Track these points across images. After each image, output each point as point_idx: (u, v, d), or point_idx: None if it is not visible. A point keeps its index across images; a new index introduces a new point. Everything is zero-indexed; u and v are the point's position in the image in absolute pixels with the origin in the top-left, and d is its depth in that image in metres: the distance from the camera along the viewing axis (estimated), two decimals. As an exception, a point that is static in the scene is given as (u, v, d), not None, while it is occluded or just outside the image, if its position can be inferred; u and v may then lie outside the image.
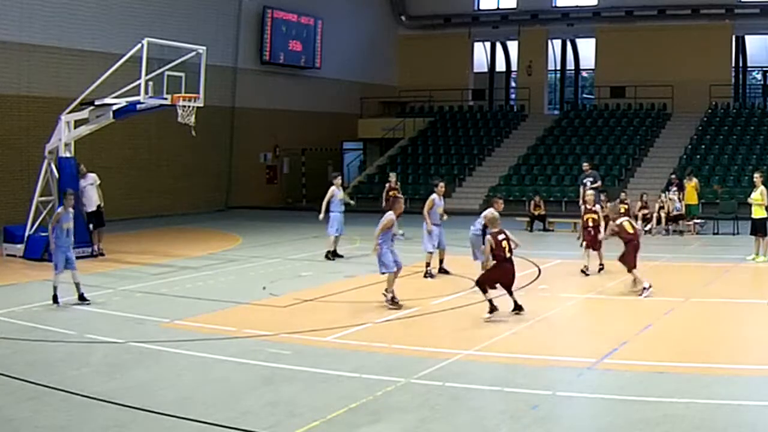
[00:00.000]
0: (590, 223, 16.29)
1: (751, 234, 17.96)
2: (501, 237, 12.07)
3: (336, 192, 18.75)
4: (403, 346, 10.50)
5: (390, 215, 13.25)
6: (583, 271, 16.11)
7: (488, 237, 12.16)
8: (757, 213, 17.73)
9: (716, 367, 9.31)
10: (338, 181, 19.20)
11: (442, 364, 9.54)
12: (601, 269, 16.15)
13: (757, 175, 18.19)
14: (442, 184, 16.47)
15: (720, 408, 7.88)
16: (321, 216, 18.61)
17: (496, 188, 32.14)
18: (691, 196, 23.25)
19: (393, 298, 12.96)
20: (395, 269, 13.09)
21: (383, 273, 13.13)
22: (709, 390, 8.41)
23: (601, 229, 16.08)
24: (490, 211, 12.68)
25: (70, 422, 7.74)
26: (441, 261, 16.43)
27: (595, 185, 23.19)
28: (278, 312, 12.82)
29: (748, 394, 8.25)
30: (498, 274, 12.16)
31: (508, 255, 12.03)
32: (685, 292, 14.10)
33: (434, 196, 16.10)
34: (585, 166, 24.38)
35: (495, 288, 12.14)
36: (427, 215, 15.91)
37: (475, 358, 9.97)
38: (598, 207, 16.48)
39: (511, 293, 12.25)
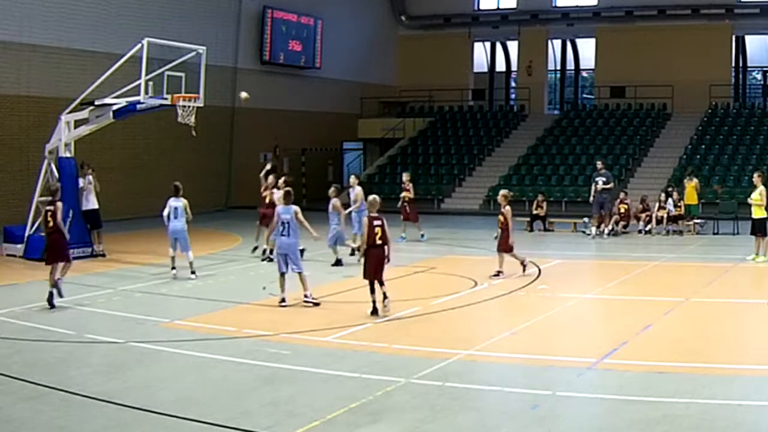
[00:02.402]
0: (499, 226, 15.97)
1: (751, 234, 17.97)
2: (376, 222, 12.26)
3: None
4: (403, 346, 10.50)
5: (294, 207, 13.37)
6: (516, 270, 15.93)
7: (364, 219, 12.46)
8: (757, 213, 17.74)
9: (716, 367, 9.31)
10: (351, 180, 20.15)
11: (442, 364, 9.54)
12: (498, 273, 15.74)
13: (756, 175, 18.20)
14: (353, 177, 20.45)
15: (720, 408, 7.88)
16: None
17: (496, 188, 32.12)
18: (691, 196, 23.22)
19: (284, 299, 13.14)
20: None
21: (300, 272, 13.17)
22: (709, 390, 8.41)
23: (510, 231, 15.81)
24: (373, 196, 12.83)
25: (70, 422, 7.73)
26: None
27: (607, 186, 22.91)
28: (278, 312, 12.81)
29: (748, 394, 8.25)
30: (368, 260, 12.27)
31: (378, 242, 12.19)
32: (685, 292, 14.10)
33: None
34: (599, 164, 23.95)
35: (376, 280, 12.25)
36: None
37: (475, 358, 9.96)
38: (508, 209, 15.79)
39: (381, 282, 12.25)
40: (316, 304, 13.01)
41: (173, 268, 16.02)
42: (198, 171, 30.80)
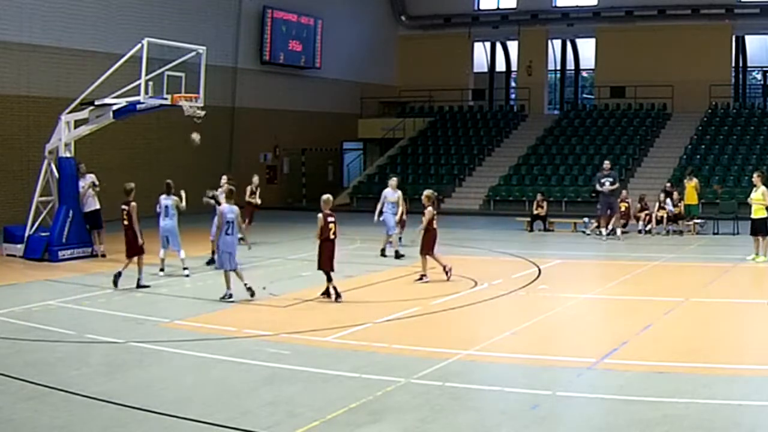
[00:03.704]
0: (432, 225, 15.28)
1: (751, 234, 17.97)
2: (330, 219, 13.30)
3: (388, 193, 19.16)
4: (403, 346, 10.50)
5: (236, 208, 13.91)
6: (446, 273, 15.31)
7: (319, 216, 13.28)
8: (758, 213, 17.74)
9: (716, 367, 9.31)
10: (393, 182, 19.50)
11: (442, 364, 9.54)
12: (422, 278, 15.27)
13: (756, 175, 18.21)
14: (393, 178, 19.82)
15: (720, 408, 7.88)
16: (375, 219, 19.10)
17: (496, 188, 32.17)
18: (691, 196, 23.20)
19: (231, 295, 13.56)
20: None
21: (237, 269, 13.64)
22: (709, 390, 8.41)
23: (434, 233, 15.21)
24: (327, 196, 13.71)
25: (70, 422, 7.73)
26: (386, 244, 18.73)
27: (613, 187, 22.71)
28: (278, 312, 12.82)
29: (748, 394, 8.25)
30: (324, 252, 13.29)
31: (332, 236, 13.28)
32: (685, 292, 14.11)
33: (386, 189, 19.19)
34: (606, 164, 23.52)
35: (333, 270, 13.38)
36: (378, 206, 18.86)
37: (475, 358, 9.96)
38: (429, 209, 15.15)
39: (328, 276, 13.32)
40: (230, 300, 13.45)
41: (162, 269, 16.08)
42: (198, 171, 30.77)
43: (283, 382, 8.99)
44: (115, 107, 18.42)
